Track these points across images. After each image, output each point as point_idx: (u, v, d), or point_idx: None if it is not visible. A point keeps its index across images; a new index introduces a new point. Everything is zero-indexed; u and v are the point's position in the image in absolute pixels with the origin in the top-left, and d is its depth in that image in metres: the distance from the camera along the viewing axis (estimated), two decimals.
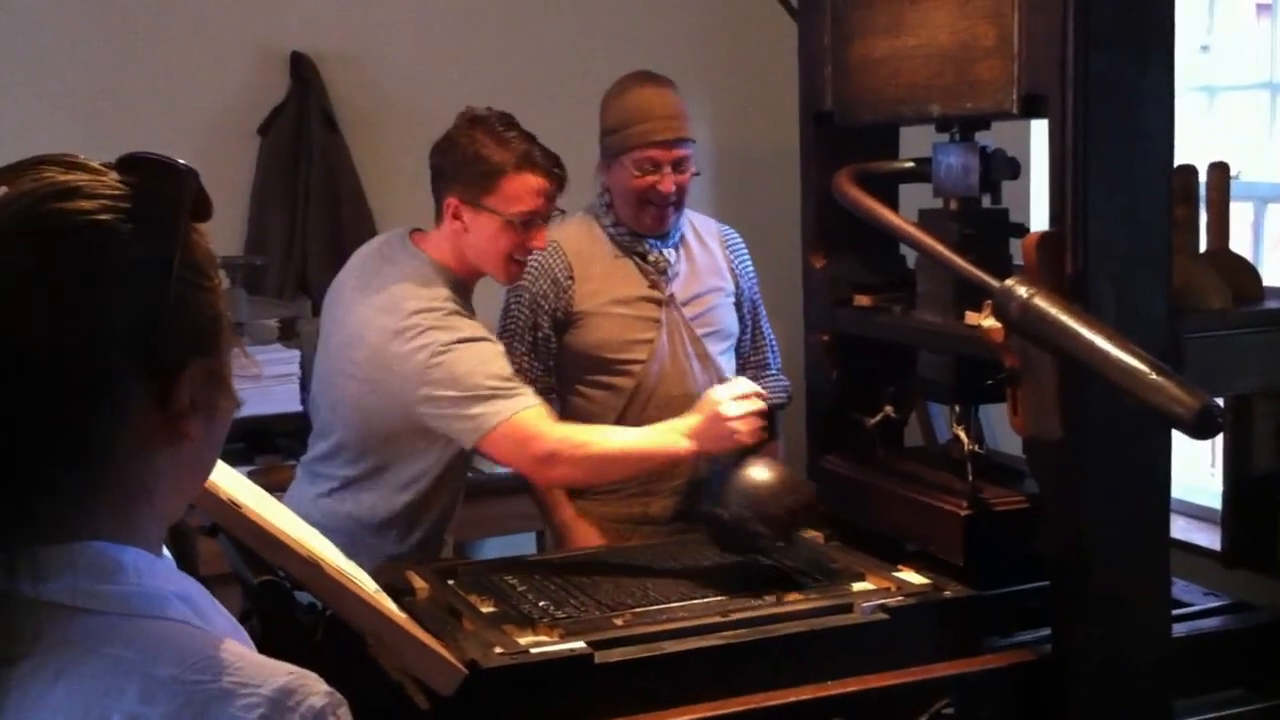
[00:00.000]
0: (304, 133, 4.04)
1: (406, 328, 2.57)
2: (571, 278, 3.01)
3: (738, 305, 3.15)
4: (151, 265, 1.02)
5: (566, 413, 3.00)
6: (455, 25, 4.21)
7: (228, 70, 4.03)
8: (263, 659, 0.99)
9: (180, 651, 0.97)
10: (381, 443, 2.65)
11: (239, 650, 0.99)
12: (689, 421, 2.51)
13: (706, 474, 2.98)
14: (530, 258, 2.78)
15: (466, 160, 2.65)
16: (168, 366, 1.03)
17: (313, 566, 1.98)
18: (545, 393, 2.94)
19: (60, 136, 3.76)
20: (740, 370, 3.13)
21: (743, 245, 3.21)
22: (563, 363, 3.05)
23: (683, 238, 3.10)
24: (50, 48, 3.85)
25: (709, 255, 3.14)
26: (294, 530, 2.06)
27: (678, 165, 2.96)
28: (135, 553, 1.02)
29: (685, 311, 3.04)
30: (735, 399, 2.48)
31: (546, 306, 3.00)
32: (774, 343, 3.25)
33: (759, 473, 2.34)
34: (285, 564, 2.00)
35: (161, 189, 1.05)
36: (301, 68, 4.05)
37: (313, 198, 4.04)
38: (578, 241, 3.04)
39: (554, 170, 2.67)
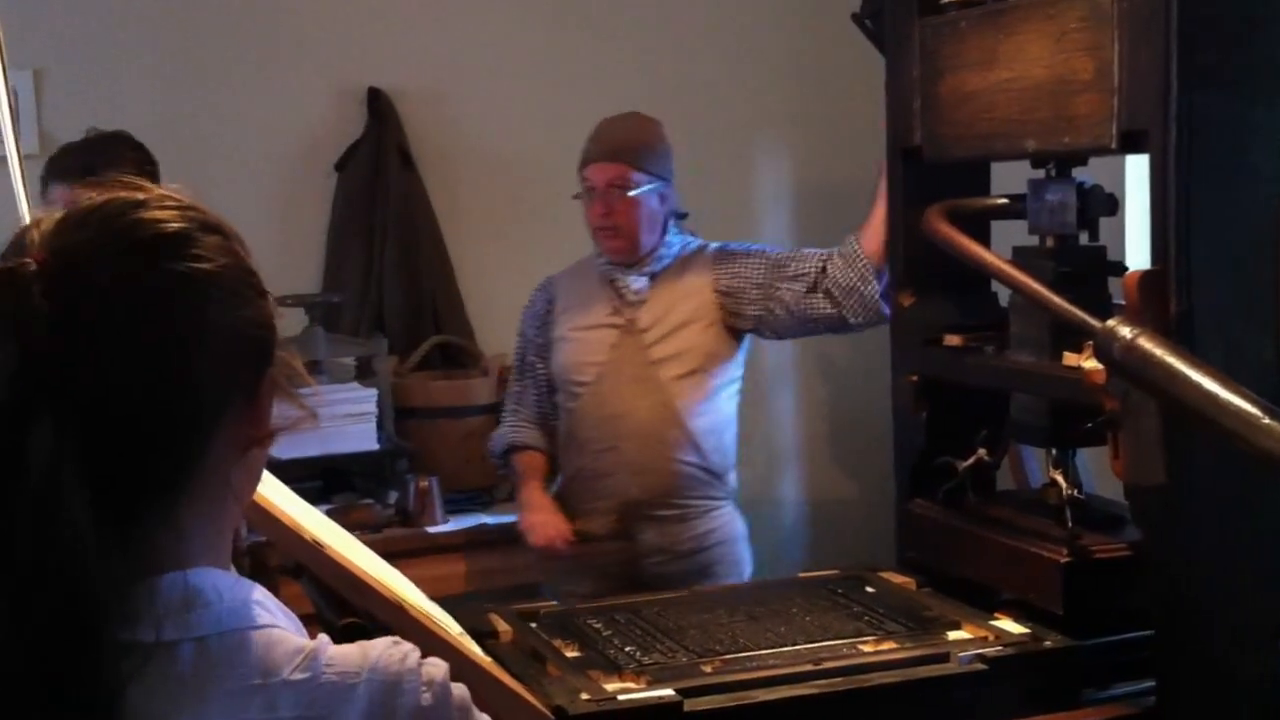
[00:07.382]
0: (381, 169, 4.04)
1: None
2: (551, 311, 3.22)
3: (737, 315, 3.15)
4: (229, 276, 1.04)
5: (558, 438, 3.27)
6: (533, 64, 4.21)
7: (305, 106, 4.05)
8: (347, 647, 1.05)
9: (285, 654, 1.03)
10: None
11: (324, 644, 1.05)
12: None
13: (636, 496, 3.11)
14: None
15: None
16: (251, 376, 1.07)
17: (397, 609, 1.95)
18: (545, 421, 3.29)
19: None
20: (813, 294, 3.11)
21: (730, 253, 3.18)
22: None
23: (667, 268, 3.15)
24: (130, 83, 3.88)
25: (690, 284, 3.15)
26: (377, 571, 2.03)
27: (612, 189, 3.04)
28: (213, 574, 1.06)
29: (647, 336, 3.11)
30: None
31: (535, 343, 3.25)
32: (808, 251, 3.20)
33: None
34: (369, 605, 1.97)
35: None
36: (379, 104, 4.06)
37: (389, 235, 4.03)
38: (570, 277, 3.24)
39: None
